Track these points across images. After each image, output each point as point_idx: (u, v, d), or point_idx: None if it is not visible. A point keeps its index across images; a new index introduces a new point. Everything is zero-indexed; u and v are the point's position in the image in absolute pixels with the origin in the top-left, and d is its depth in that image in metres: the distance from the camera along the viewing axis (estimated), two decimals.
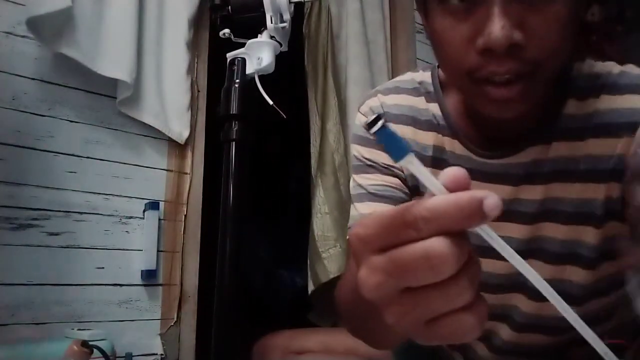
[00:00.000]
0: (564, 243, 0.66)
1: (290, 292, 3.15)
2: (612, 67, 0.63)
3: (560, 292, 0.64)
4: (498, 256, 0.33)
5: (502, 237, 0.63)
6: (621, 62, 0.66)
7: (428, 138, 0.73)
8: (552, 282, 0.65)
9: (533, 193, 0.66)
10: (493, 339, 0.78)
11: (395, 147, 0.30)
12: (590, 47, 2.70)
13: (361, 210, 0.75)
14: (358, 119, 0.80)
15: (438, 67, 0.76)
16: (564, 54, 0.55)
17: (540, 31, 0.51)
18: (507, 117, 0.56)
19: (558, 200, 0.65)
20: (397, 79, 0.82)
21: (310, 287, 1.82)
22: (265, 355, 1.03)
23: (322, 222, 1.82)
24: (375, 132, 0.30)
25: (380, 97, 0.78)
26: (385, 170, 0.75)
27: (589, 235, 0.64)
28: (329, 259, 1.78)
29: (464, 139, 0.70)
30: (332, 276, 1.76)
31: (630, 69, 0.63)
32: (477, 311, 0.30)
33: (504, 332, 0.75)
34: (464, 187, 0.29)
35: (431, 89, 0.75)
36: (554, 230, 0.66)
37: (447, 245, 0.28)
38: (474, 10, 0.52)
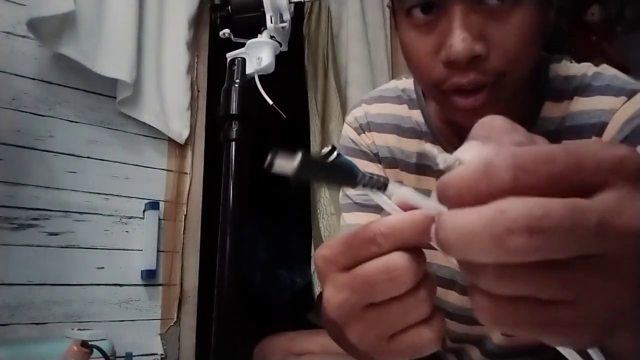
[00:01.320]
0: None
1: (290, 292, 3.15)
2: (588, 69, 0.64)
3: None
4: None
5: None
6: (621, 62, 0.66)
7: (412, 145, 0.74)
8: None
9: None
10: (486, 343, 0.78)
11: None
12: (588, 47, 2.70)
13: (348, 220, 0.77)
14: (344, 130, 0.81)
15: None
16: (528, 61, 0.55)
17: (501, 42, 0.52)
18: (474, 122, 0.56)
19: None
20: (382, 87, 0.82)
21: (318, 289, 1.81)
22: (265, 357, 1.03)
23: (328, 222, 1.82)
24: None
25: (365, 106, 0.80)
26: None
27: None
28: None
29: (447, 144, 0.71)
30: None
31: (604, 69, 0.64)
32: (434, 325, 0.31)
33: (497, 336, 0.75)
34: (412, 207, 0.31)
35: (414, 96, 0.76)
36: None
37: (406, 258, 0.29)
38: (437, 23, 0.53)
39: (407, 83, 0.79)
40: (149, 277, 1.54)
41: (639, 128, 0.57)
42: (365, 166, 0.77)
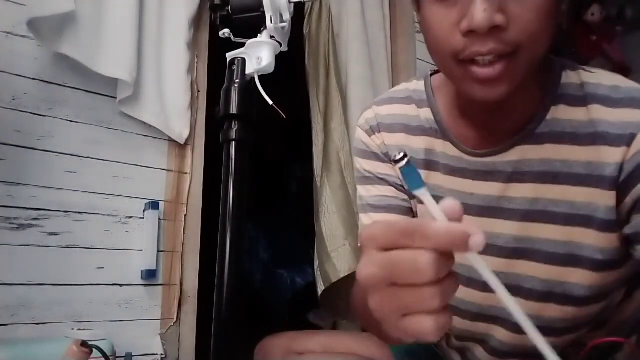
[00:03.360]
0: (561, 244, 0.67)
1: (290, 292, 3.15)
2: (602, 79, 0.67)
3: (563, 295, 0.65)
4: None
5: (492, 233, 0.67)
6: (621, 62, 0.69)
7: (419, 142, 0.78)
8: (552, 284, 0.66)
9: (522, 191, 0.69)
10: (490, 341, 0.78)
11: (414, 179, 0.39)
12: (588, 47, 2.70)
13: (364, 221, 0.83)
14: (357, 133, 0.86)
15: (431, 75, 0.81)
16: (544, 39, 0.59)
17: (520, 15, 0.56)
18: (491, 97, 0.60)
19: (550, 201, 0.67)
20: (392, 90, 0.87)
21: (321, 287, 1.81)
22: (266, 356, 1.03)
23: (330, 221, 1.82)
24: (400, 167, 0.38)
25: (375, 108, 0.85)
26: (382, 181, 0.82)
27: (590, 238, 0.66)
28: (338, 257, 1.77)
29: (456, 140, 0.74)
30: (342, 275, 1.75)
31: (622, 81, 0.66)
32: (439, 320, 0.36)
33: (500, 334, 0.76)
34: (458, 218, 0.37)
35: (424, 96, 0.80)
36: (546, 231, 0.68)
37: (433, 258, 0.35)
38: None
39: (417, 85, 0.82)
40: (149, 277, 1.54)
41: None
42: (377, 167, 0.82)
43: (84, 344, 0.99)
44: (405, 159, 0.37)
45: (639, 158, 0.61)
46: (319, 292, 1.82)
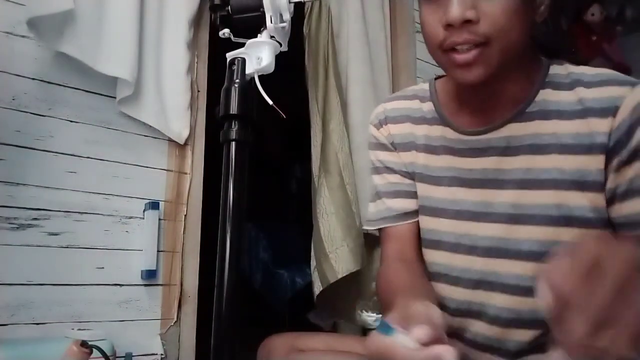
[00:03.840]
0: (553, 207, 0.77)
1: (290, 292, 3.15)
2: (586, 69, 0.80)
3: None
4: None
5: (491, 203, 0.79)
6: (621, 62, 0.73)
7: (421, 130, 0.93)
8: (548, 243, 0.75)
9: (515, 163, 0.80)
10: (489, 310, 0.83)
11: (385, 329, 0.55)
12: (588, 47, 2.70)
13: (376, 207, 0.98)
14: (369, 130, 1.01)
15: (435, 79, 0.96)
16: (513, 31, 0.71)
17: (489, 11, 0.70)
18: (470, 78, 0.74)
19: (541, 169, 0.78)
20: (400, 90, 1.04)
21: (318, 288, 1.80)
22: (269, 354, 1.04)
23: (328, 222, 1.81)
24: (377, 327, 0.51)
25: (383, 105, 0.99)
26: (390, 170, 0.97)
27: (581, 199, 0.76)
28: (336, 258, 1.76)
29: (454, 124, 0.88)
30: (340, 276, 1.74)
31: (600, 69, 0.79)
32: None
33: (501, 300, 0.82)
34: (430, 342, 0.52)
35: (427, 93, 0.95)
36: (539, 197, 0.78)
37: None
38: (441, 0, 0.72)
39: (423, 86, 0.98)
40: (149, 277, 1.54)
41: None
42: (385, 156, 0.97)
43: (83, 344, 0.99)
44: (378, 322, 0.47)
45: (623, 126, 0.72)
46: (316, 293, 1.82)
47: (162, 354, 1.54)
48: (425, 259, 0.93)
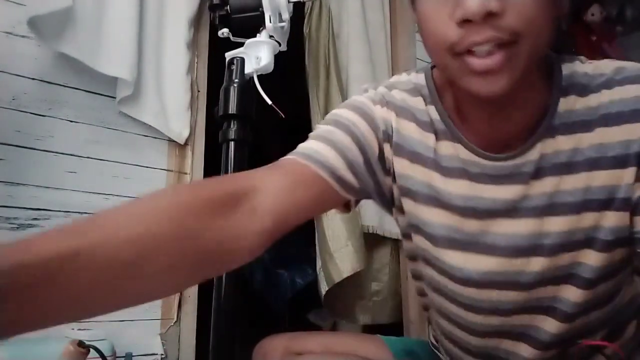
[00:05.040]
0: (573, 232, 0.66)
1: (290, 292, 3.14)
2: (602, 66, 0.66)
3: (573, 275, 0.66)
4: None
5: (508, 235, 0.66)
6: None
7: (430, 139, 0.72)
8: (564, 268, 0.66)
9: (542, 187, 0.66)
10: (536, 334, 0.75)
11: None
12: (588, 47, 2.70)
13: (309, 145, 0.70)
14: (360, 98, 0.79)
15: (432, 68, 0.76)
16: (544, 27, 0.56)
17: (516, 2, 0.53)
18: (491, 91, 0.56)
19: (566, 192, 0.65)
20: (394, 78, 0.81)
21: (324, 287, 1.82)
22: (265, 356, 1.03)
23: (332, 221, 1.82)
24: None
25: (385, 90, 0.78)
26: (353, 136, 0.71)
27: (606, 220, 0.64)
28: (341, 258, 1.78)
29: (467, 142, 0.69)
30: (345, 275, 1.76)
31: (622, 63, 0.65)
32: None
33: (550, 324, 0.73)
34: None
35: (426, 91, 0.74)
36: (559, 223, 0.66)
37: None
38: None
39: (418, 78, 0.77)
40: None
41: None
42: (364, 131, 0.72)
43: (80, 343, 0.98)
44: None
45: None
46: (322, 292, 1.83)
47: (162, 354, 1.53)
48: (431, 278, 0.79)
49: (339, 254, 1.78)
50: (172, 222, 0.49)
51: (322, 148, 0.68)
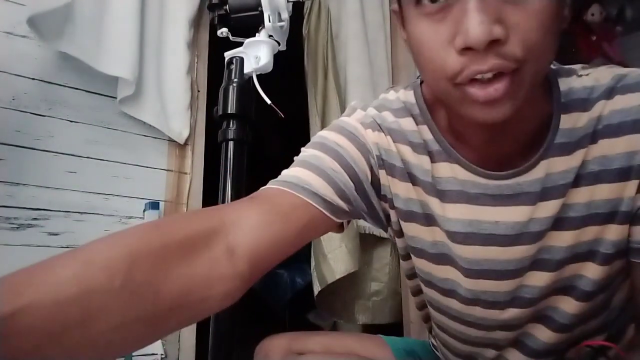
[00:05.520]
0: (574, 247, 0.64)
1: (290, 292, 3.14)
2: (600, 76, 0.63)
3: (572, 288, 0.65)
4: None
5: (514, 260, 0.65)
6: (621, 63, 0.67)
7: (424, 162, 0.68)
8: (565, 280, 0.65)
9: (548, 209, 0.63)
10: (528, 342, 0.75)
11: None
12: (588, 47, 2.70)
13: (297, 173, 0.66)
14: (348, 120, 0.74)
15: (421, 84, 0.72)
16: (548, 51, 0.52)
17: (520, 25, 0.49)
18: (494, 118, 0.53)
19: (570, 207, 0.63)
20: (383, 97, 0.76)
21: (317, 288, 1.82)
22: (266, 356, 1.03)
23: None
24: None
25: (374, 111, 0.73)
26: (341, 162, 0.67)
27: (607, 234, 0.63)
28: (334, 259, 1.77)
29: (464, 161, 0.66)
30: (338, 276, 1.76)
31: (619, 70, 0.63)
32: None
33: (544, 334, 0.73)
34: None
35: (417, 110, 0.70)
36: (561, 238, 0.64)
37: None
38: (450, 9, 0.50)
39: (406, 95, 0.73)
40: None
41: None
42: (354, 155, 0.69)
43: None
44: None
45: None
46: (315, 292, 1.83)
47: (162, 354, 1.53)
48: (431, 299, 0.77)
49: (332, 255, 1.78)
50: (117, 276, 0.43)
51: (307, 175, 0.64)
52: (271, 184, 0.64)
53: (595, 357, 0.71)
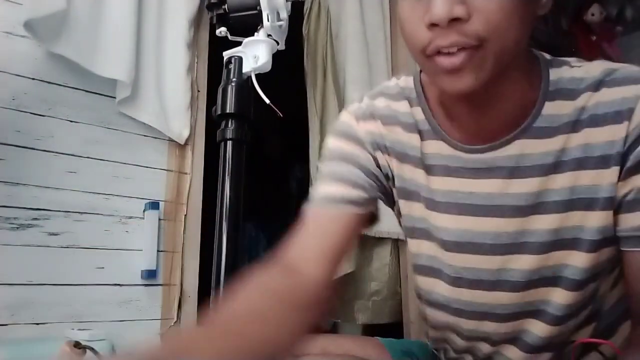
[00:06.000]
0: (558, 232, 0.67)
1: None
2: (591, 69, 0.67)
3: (561, 278, 0.67)
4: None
5: (492, 233, 0.68)
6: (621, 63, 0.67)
7: (414, 140, 0.76)
8: (552, 269, 0.67)
9: (525, 186, 0.68)
10: (525, 338, 0.76)
11: None
12: (588, 47, 2.70)
13: (319, 190, 0.78)
14: (344, 117, 0.83)
15: (420, 72, 0.78)
16: (512, 31, 0.57)
17: (482, 6, 0.55)
18: (458, 87, 0.60)
19: (552, 191, 0.67)
20: (382, 85, 0.84)
21: None
22: None
23: None
24: None
25: (367, 99, 0.82)
26: (354, 163, 0.78)
27: (590, 220, 0.66)
28: None
29: (449, 138, 0.72)
30: (333, 277, 1.75)
31: (611, 64, 0.67)
32: None
33: (540, 328, 0.74)
34: None
35: (414, 94, 0.77)
36: (545, 222, 0.68)
37: None
38: None
39: (406, 81, 0.80)
40: (149, 277, 1.54)
41: None
42: (354, 150, 0.78)
43: (76, 344, 0.99)
44: None
45: (637, 130, 0.62)
46: None
47: None
48: (421, 287, 0.82)
49: None
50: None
51: (330, 187, 0.76)
52: (310, 206, 0.77)
53: (588, 352, 0.71)
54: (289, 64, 1.46)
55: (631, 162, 0.62)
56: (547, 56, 0.70)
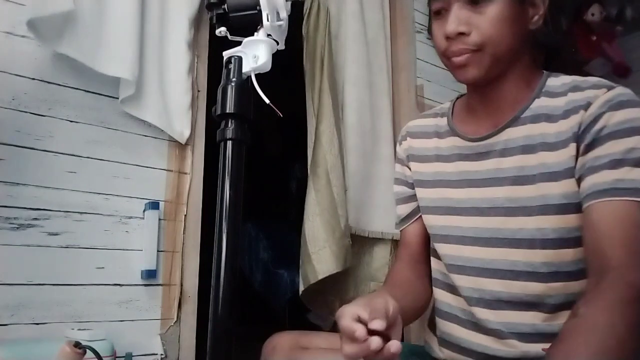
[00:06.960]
0: (538, 199, 0.89)
1: (290, 292, 3.14)
2: (577, 78, 0.92)
3: (543, 240, 0.91)
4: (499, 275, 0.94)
5: (492, 199, 0.98)
6: (621, 62, 0.81)
7: (432, 142, 1.10)
8: (534, 231, 0.91)
9: (511, 162, 0.94)
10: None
11: None
12: (588, 47, 2.70)
13: (397, 211, 1.20)
14: (399, 143, 1.20)
15: (458, 97, 1.11)
16: (503, 39, 0.88)
17: (479, 25, 0.88)
18: (466, 77, 0.92)
19: (531, 166, 0.90)
20: (430, 109, 1.21)
21: (301, 288, 1.80)
22: (273, 350, 1.07)
23: (313, 223, 1.79)
24: None
25: (409, 123, 1.19)
26: (401, 181, 1.18)
27: (557, 188, 0.87)
28: (318, 260, 1.74)
29: (462, 134, 1.04)
30: (320, 277, 1.73)
31: (589, 78, 0.90)
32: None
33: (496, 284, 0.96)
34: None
35: (445, 109, 1.12)
36: (528, 191, 0.91)
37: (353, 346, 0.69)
38: (444, 17, 0.92)
39: (448, 104, 1.13)
40: (149, 277, 1.54)
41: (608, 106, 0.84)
42: (400, 169, 1.18)
43: (76, 344, 0.98)
44: None
45: (591, 117, 0.84)
46: (300, 292, 1.81)
47: (162, 354, 1.54)
48: (439, 252, 1.05)
49: (316, 255, 1.75)
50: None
51: (399, 208, 1.18)
52: (397, 227, 1.20)
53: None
54: (290, 63, 1.46)
55: (587, 140, 0.84)
56: (557, 74, 0.96)
